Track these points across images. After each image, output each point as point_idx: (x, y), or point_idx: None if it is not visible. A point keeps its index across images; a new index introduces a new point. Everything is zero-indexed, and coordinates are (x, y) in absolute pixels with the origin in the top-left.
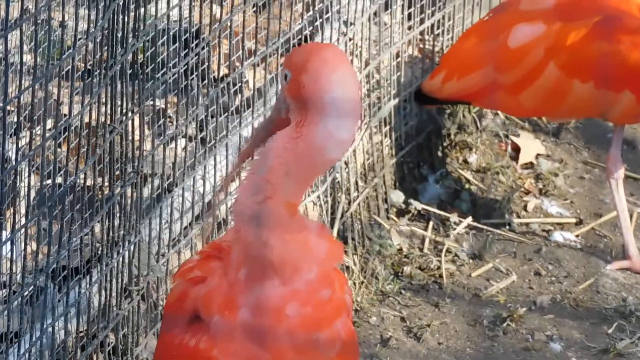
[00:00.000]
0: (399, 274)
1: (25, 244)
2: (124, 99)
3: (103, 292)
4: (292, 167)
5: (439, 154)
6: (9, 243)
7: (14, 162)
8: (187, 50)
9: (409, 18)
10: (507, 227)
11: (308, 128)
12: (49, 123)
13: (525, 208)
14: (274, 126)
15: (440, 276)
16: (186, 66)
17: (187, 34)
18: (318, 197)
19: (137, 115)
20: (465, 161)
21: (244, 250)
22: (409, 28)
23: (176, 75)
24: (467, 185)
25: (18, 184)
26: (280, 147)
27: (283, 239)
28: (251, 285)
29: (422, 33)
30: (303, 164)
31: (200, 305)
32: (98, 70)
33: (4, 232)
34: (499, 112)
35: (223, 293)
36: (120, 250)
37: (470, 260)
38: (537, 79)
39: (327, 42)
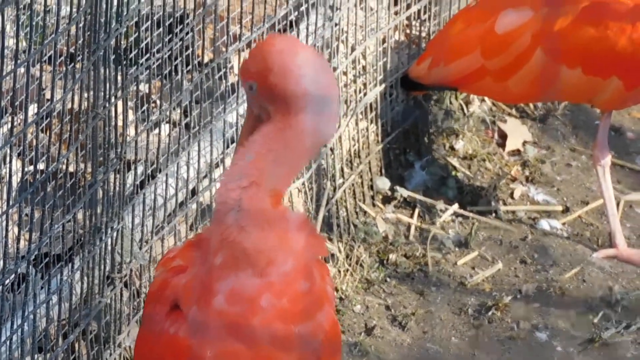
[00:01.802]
0: (384, 261)
1: (7, 231)
2: (107, 84)
3: (85, 279)
4: (280, 154)
5: (426, 140)
6: None
7: None
8: (171, 35)
9: (396, 3)
10: (494, 214)
11: (295, 118)
12: (32, 108)
13: (511, 195)
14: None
15: (426, 264)
16: (170, 51)
17: (172, 19)
18: (303, 183)
19: (121, 100)
20: (452, 148)
21: (222, 235)
22: (396, 13)
23: (160, 61)
24: (453, 172)
25: (0, 169)
26: (267, 138)
27: (261, 227)
28: (226, 273)
29: (408, 18)
30: (293, 150)
31: (180, 295)
32: (81, 55)
33: None
34: (486, 98)
35: (200, 282)
36: (103, 237)
37: (456, 248)
38: (525, 65)
39: (272, 35)
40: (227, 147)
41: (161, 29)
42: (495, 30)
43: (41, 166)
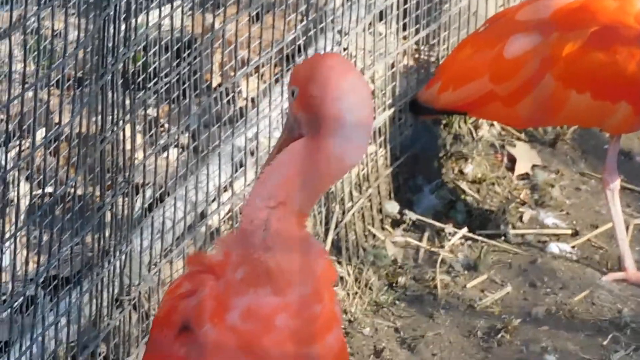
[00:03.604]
0: (393, 284)
1: (15, 253)
2: (115, 108)
3: (94, 301)
4: (309, 177)
5: (435, 164)
6: None
7: (3, 171)
8: (179, 59)
9: (404, 28)
10: (503, 238)
11: (325, 139)
12: (40, 132)
13: (520, 219)
14: (287, 145)
15: (435, 287)
16: (178, 75)
17: (180, 44)
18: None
19: (129, 124)
20: (461, 172)
21: (246, 252)
22: (404, 38)
23: (168, 85)
24: (462, 196)
25: (9, 192)
26: (296, 158)
27: (287, 248)
28: (245, 288)
29: (417, 43)
30: (321, 174)
31: (192, 316)
32: (89, 79)
33: None
34: (495, 122)
35: (214, 300)
36: (112, 260)
37: (465, 271)
38: (534, 90)
39: (332, 53)
40: (236, 170)
41: (169, 53)
42: (504, 55)
43: (49, 189)
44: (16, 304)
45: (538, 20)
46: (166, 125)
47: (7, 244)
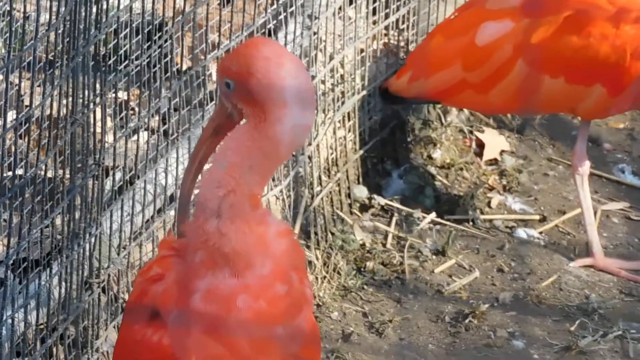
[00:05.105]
0: (362, 269)
1: None
2: (86, 90)
3: (63, 284)
4: (256, 162)
5: (403, 149)
6: None
7: None
8: (149, 42)
9: (374, 12)
10: (471, 223)
11: (272, 126)
12: (11, 114)
13: (489, 204)
14: (224, 130)
15: (403, 272)
16: (149, 58)
17: (150, 26)
18: (281, 191)
19: (99, 107)
20: (430, 157)
21: (202, 239)
22: (374, 23)
23: (139, 68)
24: (431, 181)
25: None
26: (242, 145)
27: (241, 231)
28: (204, 271)
29: (386, 28)
30: (268, 158)
31: (159, 302)
32: (60, 62)
33: None
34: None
35: (179, 285)
36: (81, 243)
37: (433, 256)
38: (506, 77)
39: (259, 38)
40: None
41: (140, 36)
42: (476, 43)
43: (19, 171)
44: None
45: (509, 8)
46: (136, 109)
47: None
